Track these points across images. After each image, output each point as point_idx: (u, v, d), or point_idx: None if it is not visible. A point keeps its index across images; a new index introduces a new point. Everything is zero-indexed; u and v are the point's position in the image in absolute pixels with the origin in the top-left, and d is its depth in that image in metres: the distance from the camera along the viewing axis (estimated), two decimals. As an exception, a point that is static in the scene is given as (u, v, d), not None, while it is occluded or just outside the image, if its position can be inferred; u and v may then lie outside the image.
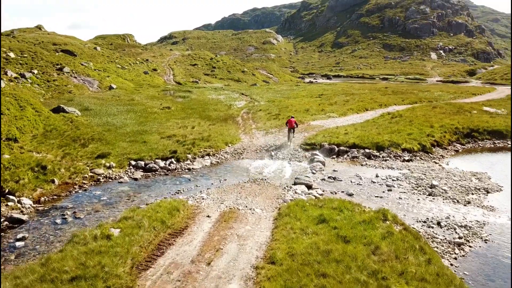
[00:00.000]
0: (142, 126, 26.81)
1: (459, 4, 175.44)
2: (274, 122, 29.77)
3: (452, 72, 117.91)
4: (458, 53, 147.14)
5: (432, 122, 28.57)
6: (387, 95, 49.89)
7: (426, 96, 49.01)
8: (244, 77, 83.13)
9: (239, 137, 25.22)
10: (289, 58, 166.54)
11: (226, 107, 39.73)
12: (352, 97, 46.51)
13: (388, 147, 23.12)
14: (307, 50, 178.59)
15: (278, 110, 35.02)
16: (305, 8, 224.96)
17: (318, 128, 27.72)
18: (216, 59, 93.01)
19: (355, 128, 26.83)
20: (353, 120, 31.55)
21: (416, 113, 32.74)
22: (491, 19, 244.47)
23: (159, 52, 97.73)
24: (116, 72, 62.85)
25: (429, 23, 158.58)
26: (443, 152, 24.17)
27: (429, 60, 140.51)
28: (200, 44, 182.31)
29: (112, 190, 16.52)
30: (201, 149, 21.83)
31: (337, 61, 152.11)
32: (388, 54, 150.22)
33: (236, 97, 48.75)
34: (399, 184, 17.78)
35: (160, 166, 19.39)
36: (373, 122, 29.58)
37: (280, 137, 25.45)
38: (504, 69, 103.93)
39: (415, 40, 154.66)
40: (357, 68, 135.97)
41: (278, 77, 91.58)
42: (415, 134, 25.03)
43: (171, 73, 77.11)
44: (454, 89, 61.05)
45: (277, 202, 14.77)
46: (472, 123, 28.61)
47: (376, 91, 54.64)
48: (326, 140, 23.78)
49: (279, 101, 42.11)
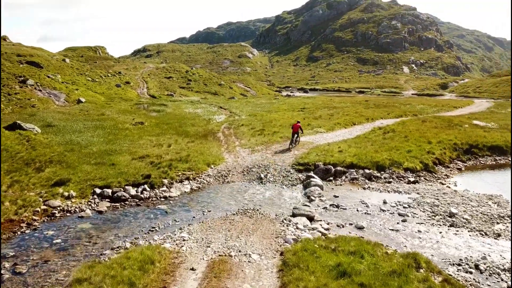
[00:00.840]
0: (111, 144, 23.36)
1: (428, 20, 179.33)
2: (259, 138, 26.86)
3: (425, 85, 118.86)
4: (429, 67, 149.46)
5: (428, 137, 26.38)
6: (370, 108, 48.00)
7: (410, 110, 47.37)
8: (222, 90, 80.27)
9: (223, 157, 22.15)
10: (264, 72, 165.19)
11: (204, 121, 36.64)
12: (336, 110, 44.31)
13: (389, 167, 20.60)
14: (283, 64, 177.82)
15: (262, 125, 32.19)
16: (280, 22, 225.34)
17: (308, 145, 25.00)
18: (191, 71, 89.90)
19: (349, 145, 24.26)
20: (342, 135, 29.07)
21: (409, 127, 30.60)
22: (457, 35, 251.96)
23: (133, 65, 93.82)
24: (86, 85, 58.79)
25: (400, 38, 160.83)
26: (446, 171, 21.86)
27: (402, 73, 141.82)
28: (174, 57, 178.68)
29: (69, 228, 13.13)
30: (179, 173, 18.63)
31: (312, 74, 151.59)
32: (362, 68, 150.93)
33: (214, 111, 45.73)
34: (413, 212, 15.13)
35: (130, 194, 16.09)
36: (365, 138, 27.14)
37: (268, 155, 22.54)
38: (475, 82, 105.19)
39: (387, 54, 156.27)
40: (332, 82, 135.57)
41: (256, 90, 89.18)
42: (415, 152, 22.66)
43: (145, 86, 73.44)
44: (434, 102, 60.06)
45: (277, 242, 11.79)
46: (470, 138, 26.61)
47: (358, 104, 52.77)
48: (321, 159, 21.04)
49: (261, 115, 39.34)
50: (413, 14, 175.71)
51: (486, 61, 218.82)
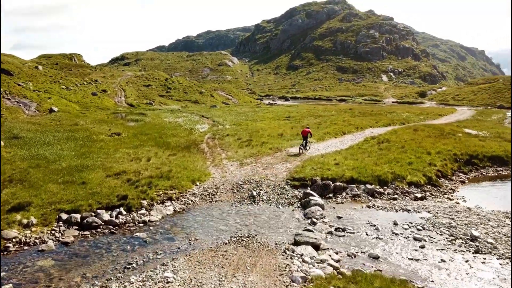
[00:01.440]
0: (83, 159, 20.76)
1: (405, 30, 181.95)
2: (247, 150, 24.66)
3: (404, 93, 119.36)
4: (407, 76, 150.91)
5: (426, 147, 24.77)
6: (356, 116, 46.55)
7: (396, 118, 46.13)
8: (202, 99, 77.89)
9: (209, 172, 19.84)
10: (245, 80, 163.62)
11: (186, 131, 34.25)
12: (322, 119, 42.61)
13: (392, 181, 18.74)
14: (263, 72, 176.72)
15: (249, 135, 30.03)
16: (259, 31, 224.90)
17: (300, 157, 22.96)
18: (171, 79, 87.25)
19: (344, 157, 22.35)
20: (334, 146, 27.20)
21: (402, 137, 29.01)
22: (431, 44, 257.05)
23: (110, 73, 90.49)
24: (59, 93, 55.49)
25: (378, 47, 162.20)
26: (450, 184, 20.17)
27: (381, 82, 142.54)
28: (153, 65, 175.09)
29: (25, 267, 10.60)
30: (161, 192, 16.22)
31: (293, 83, 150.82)
32: (342, 76, 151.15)
33: (196, 120, 43.35)
34: (429, 236, 13.20)
35: (103, 219, 13.62)
36: (359, 149, 25.32)
37: (258, 169, 20.37)
38: (454, 90, 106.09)
39: (366, 63, 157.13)
40: (313, 90, 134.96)
41: (238, 98, 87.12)
42: (416, 164, 20.92)
43: (123, 94, 70.36)
44: (419, 110, 59.26)
45: (283, 283, 9.62)
46: (469, 148, 25.13)
47: (343, 113, 51.32)
48: (317, 173, 19.01)
49: (246, 125, 37.21)
50: (390, 24, 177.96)
51: (460, 70, 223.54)
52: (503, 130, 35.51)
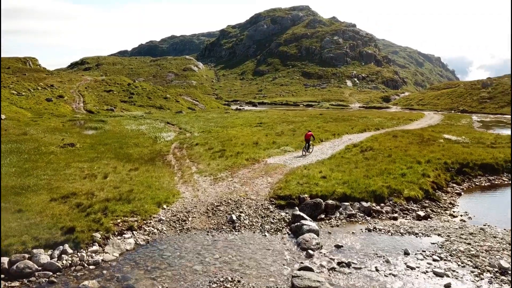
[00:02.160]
0: (25, 177, 17.10)
1: (367, 36, 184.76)
2: (221, 162, 21.69)
3: (369, 98, 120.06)
4: (371, 81, 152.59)
5: (414, 156, 22.79)
6: (330, 122, 44.65)
7: (370, 123, 44.60)
8: (167, 104, 74.05)
9: (177, 190, 16.71)
10: (211, 85, 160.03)
11: (150, 140, 30.87)
12: (296, 125, 40.30)
13: (389, 197, 16.40)
14: (229, 78, 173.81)
15: (221, 144, 27.06)
16: (224, 36, 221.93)
17: (281, 169, 20.29)
18: (134, 84, 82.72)
19: (330, 169, 19.89)
20: (315, 155, 24.75)
21: (385, 144, 27.03)
22: (391, 51, 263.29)
23: (68, 77, 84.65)
24: (9, 99, 50.28)
25: (343, 53, 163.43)
26: (448, 198, 18.11)
27: (345, 87, 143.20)
28: (116, 70, 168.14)
29: None
30: (119, 220, 13.00)
31: (259, 88, 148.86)
32: (308, 82, 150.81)
33: (161, 127, 39.88)
34: (451, 269, 10.77)
35: (40, 263, 10.28)
36: (343, 158, 22.99)
37: (236, 185, 17.46)
38: (418, 95, 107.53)
39: (331, 69, 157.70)
40: (280, 95, 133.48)
41: (204, 103, 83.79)
42: (410, 175, 18.74)
43: (82, 100, 65.44)
44: (390, 115, 58.38)
45: None
46: (457, 156, 23.35)
47: (315, 118, 49.37)
48: (304, 189, 16.36)
49: (216, 132, 34.22)
50: (353, 30, 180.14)
51: (418, 75, 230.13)
52: (480, 135, 34.46)
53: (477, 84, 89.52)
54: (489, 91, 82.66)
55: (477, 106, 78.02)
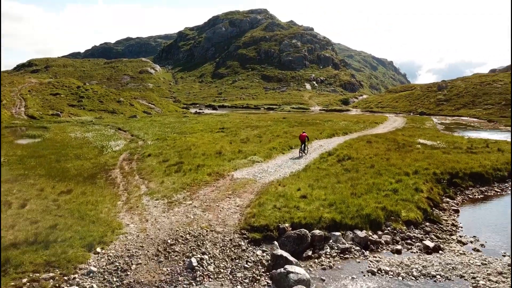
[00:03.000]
0: None
1: (325, 40, 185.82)
2: (178, 178, 17.73)
3: (328, 101, 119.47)
4: (329, 84, 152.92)
5: (399, 166, 19.99)
6: (295, 127, 41.68)
7: (337, 127, 42.12)
8: (121, 108, 68.47)
9: (119, 222, 12.62)
10: (169, 88, 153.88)
11: (96, 150, 26.32)
12: (261, 130, 36.94)
13: (386, 221, 13.28)
14: (187, 80, 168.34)
15: (178, 154, 23.04)
16: (182, 38, 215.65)
17: (251, 186, 16.71)
18: (84, 87, 76.15)
19: (309, 184, 16.55)
20: (287, 165, 21.43)
21: (362, 151, 24.18)
22: (347, 55, 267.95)
23: (9, 80, 76.65)
24: None
25: (301, 56, 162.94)
26: (447, 217, 15.26)
27: (305, 90, 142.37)
28: (66, 72, 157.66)
29: None
30: (25, 279, 8.85)
31: (219, 91, 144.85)
32: (268, 85, 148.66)
33: (111, 134, 35.14)
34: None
35: None
36: (320, 169, 19.79)
37: (197, 211, 13.65)
38: (376, 98, 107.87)
39: (290, 72, 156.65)
40: (240, 98, 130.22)
41: (161, 107, 78.69)
42: (403, 191, 15.78)
43: (23, 104, 58.67)
44: (354, 118, 56.52)
45: None
46: (444, 164, 20.82)
47: (280, 123, 46.30)
48: (283, 215, 12.85)
49: (173, 139, 30.10)
50: (311, 34, 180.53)
51: (373, 79, 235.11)
52: (452, 138, 32.67)
53: (433, 87, 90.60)
54: (444, 93, 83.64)
55: (434, 108, 78.48)
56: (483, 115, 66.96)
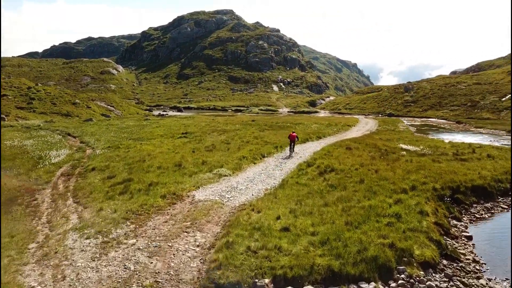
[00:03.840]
0: None
1: (291, 42, 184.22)
2: (122, 203, 13.60)
3: (296, 102, 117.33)
4: (296, 86, 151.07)
5: (392, 180, 16.78)
6: (266, 130, 38.19)
7: (310, 131, 39.00)
8: (76, 111, 62.59)
9: (19, 284, 8.51)
10: (132, 89, 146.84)
11: (30, 163, 21.61)
12: (228, 135, 33.14)
13: (398, 266, 9.83)
14: (152, 81, 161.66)
15: (128, 168, 18.83)
16: (146, 38, 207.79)
17: (217, 212, 12.89)
18: (36, 88, 69.43)
19: (290, 209, 12.94)
20: (260, 180, 17.78)
21: (345, 161, 20.88)
22: (312, 57, 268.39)
23: (-51, 79, 68.66)
24: None
25: (268, 58, 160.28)
26: (463, 249, 12.09)
27: (272, 92, 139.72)
28: (21, 73, 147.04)
29: None
30: None
31: (185, 92, 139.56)
32: (235, 86, 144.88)
33: (55, 142, 30.20)
34: None
35: None
36: (300, 186, 16.26)
37: (141, 257, 9.65)
38: (344, 99, 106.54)
39: (257, 73, 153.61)
40: (206, 100, 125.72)
41: (122, 109, 73.15)
42: (406, 216, 12.45)
43: (-39, 106, 51.82)
44: (325, 120, 53.77)
45: None
46: (442, 177, 17.81)
47: (248, 126, 42.67)
48: (262, 265, 9.11)
49: (126, 148, 25.73)
50: (278, 35, 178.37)
51: (338, 80, 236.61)
52: (433, 143, 30.18)
53: (399, 88, 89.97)
54: (411, 95, 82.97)
55: (402, 109, 77.47)
56: (450, 116, 66.28)
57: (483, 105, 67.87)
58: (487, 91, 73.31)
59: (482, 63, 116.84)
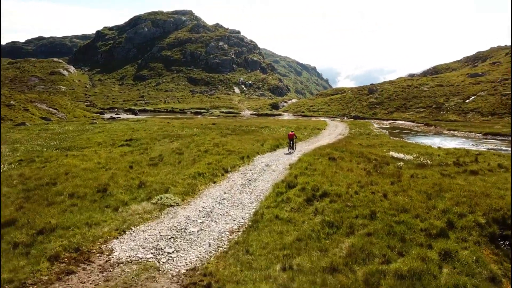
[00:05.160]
0: None
1: (252, 44, 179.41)
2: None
3: (258, 105, 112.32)
4: (257, 88, 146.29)
5: (416, 211, 11.43)
6: (228, 135, 32.37)
7: (278, 135, 33.63)
8: (11, 114, 53.68)
9: None
10: (85, 91, 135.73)
11: None
12: (183, 142, 26.95)
13: None
14: (106, 83, 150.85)
15: (24, 198, 12.20)
16: (101, 38, 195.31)
17: (143, 297, 6.98)
18: (-38, 88, 59.36)
19: (278, 285, 7.25)
20: (223, 214, 11.94)
21: (336, 178, 15.38)
22: (272, 60, 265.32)
23: None
24: None
25: (229, 59, 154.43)
26: None
27: (234, 94, 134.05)
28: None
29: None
30: None
31: (141, 94, 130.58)
32: (194, 88, 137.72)
33: (-47, 154, 22.68)
34: None
35: None
36: (282, 225, 10.62)
37: None
38: (307, 102, 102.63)
39: (218, 75, 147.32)
40: (164, 102, 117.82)
41: (66, 112, 64.52)
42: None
43: None
44: (293, 124, 48.66)
45: None
46: (476, 202, 12.74)
47: (208, 130, 36.63)
48: None
49: (43, 161, 18.94)
50: (238, 37, 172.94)
51: (298, 83, 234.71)
52: (425, 150, 25.68)
53: (363, 90, 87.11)
54: (376, 96, 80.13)
55: (368, 112, 74.24)
56: (417, 118, 63.51)
57: (448, 107, 65.76)
58: (450, 93, 71.58)
59: (438, 66, 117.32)
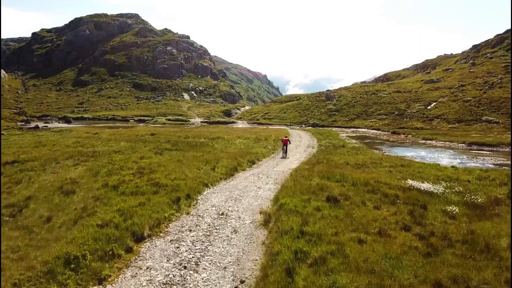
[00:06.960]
0: None
1: (202, 49, 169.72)
2: None
3: (210, 112, 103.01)
4: (208, 94, 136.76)
5: None
6: (166, 152, 23.03)
7: (235, 150, 24.95)
8: None
9: None
10: (15, 97, 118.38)
11: None
12: (92, 166, 17.27)
13: None
14: (42, 88, 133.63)
15: None
16: (37, 41, 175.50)
17: None
18: None
19: None
20: None
21: (335, 238, 7.02)
22: (224, 67, 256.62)
23: None
24: None
25: (178, 64, 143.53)
26: None
27: (183, 100, 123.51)
28: None
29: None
30: None
31: (81, 101, 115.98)
32: (140, 94, 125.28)
33: None
34: None
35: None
36: None
37: None
38: (262, 109, 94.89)
39: (166, 80, 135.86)
40: (106, 109, 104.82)
41: (-29, 121, 51.27)
42: None
43: None
44: (253, 134, 40.02)
45: None
46: None
47: (141, 144, 27.04)
48: None
49: None
50: (188, 42, 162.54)
51: (250, 91, 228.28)
52: (432, 170, 18.18)
53: (320, 96, 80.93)
54: (334, 103, 74.07)
55: (327, 119, 67.73)
56: (381, 126, 57.73)
57: (411, 113, 60.76)
58: (410, 99, 67.01)
59: (389, 73, 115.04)
